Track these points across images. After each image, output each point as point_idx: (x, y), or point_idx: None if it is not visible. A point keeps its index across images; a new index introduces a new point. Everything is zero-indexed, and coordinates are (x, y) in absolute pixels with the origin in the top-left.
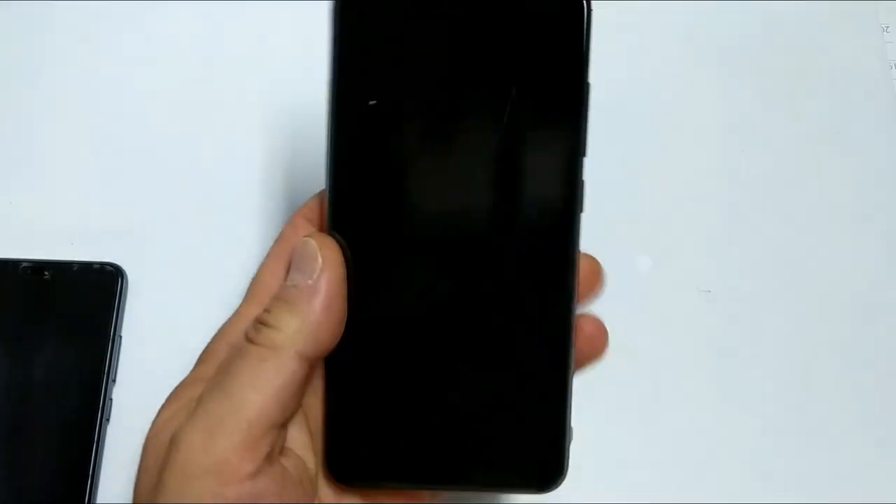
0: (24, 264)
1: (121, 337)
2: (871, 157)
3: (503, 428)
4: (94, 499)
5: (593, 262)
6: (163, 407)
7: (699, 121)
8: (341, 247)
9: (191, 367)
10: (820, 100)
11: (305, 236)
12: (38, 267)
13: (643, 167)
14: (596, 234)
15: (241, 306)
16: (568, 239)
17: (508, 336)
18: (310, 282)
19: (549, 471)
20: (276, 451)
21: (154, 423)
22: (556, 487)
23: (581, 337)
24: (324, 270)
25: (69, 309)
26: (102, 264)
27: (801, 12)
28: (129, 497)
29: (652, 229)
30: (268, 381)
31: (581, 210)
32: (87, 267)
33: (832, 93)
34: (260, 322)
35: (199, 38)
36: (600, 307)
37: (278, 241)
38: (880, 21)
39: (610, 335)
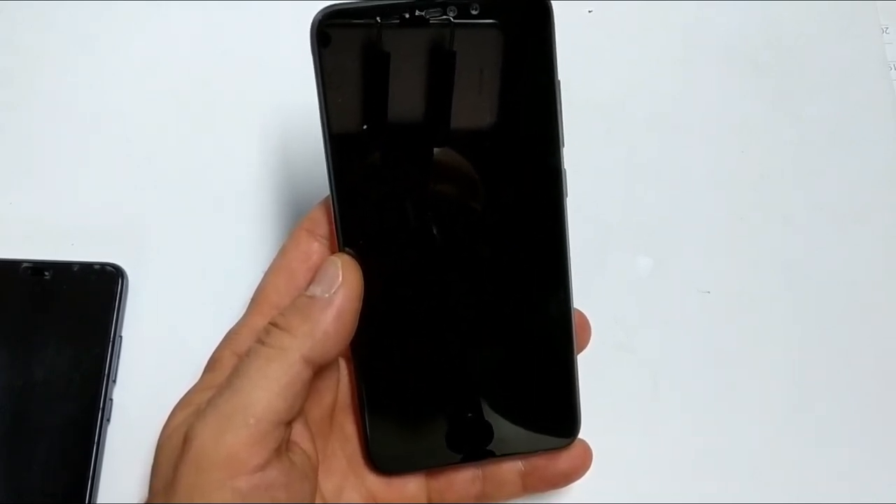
0: (25, 265)
1: (121, 337)
2: (870, 157)
3: (523, 398)
4: (95, 499)
5: (581, 316)
6: (173, 413)
7: (699, 121)
8: (356, 260)
9: (190, 367)
10: (820, 100)
11: (332, 255)
12: (39, 267)
13: (643, 167)
14: (596, 234)
15: (244, 317)
16: (558, 222)
17: (517, 319)
18: (326, 295)
19: (569, 425)
20: (283, 446)
21: (165, 427)
22: (575, 438)
23: None
24: (341, 287)
25: (69, 309)
26: (103, 265)
27: (801, 12)
28: (130, 497)
29: (652, 229)
30: (274, 380)
31: (566, 195)
32: (87, 267)
33: (832, 93)
34: (273, 324)
35: (199, 39)
36: (602, 307)
37: (280, 254)
38: (880, 21)
39: (610, 335)
